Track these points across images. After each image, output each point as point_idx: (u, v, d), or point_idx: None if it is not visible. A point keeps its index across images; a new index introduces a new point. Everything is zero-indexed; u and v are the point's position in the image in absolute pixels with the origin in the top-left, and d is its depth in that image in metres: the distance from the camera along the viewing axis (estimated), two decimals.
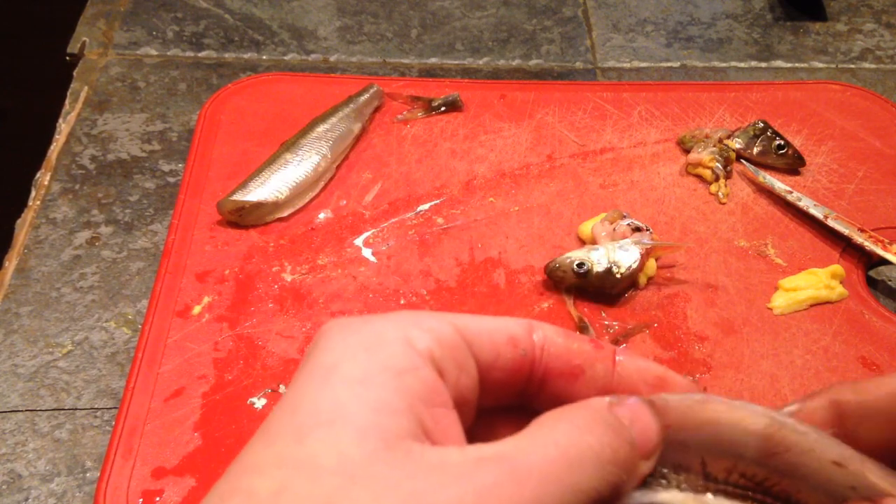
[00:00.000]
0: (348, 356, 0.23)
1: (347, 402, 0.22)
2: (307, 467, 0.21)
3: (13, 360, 0.61)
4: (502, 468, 0.21)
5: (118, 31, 0.90)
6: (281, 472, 0.21)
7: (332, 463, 0.21)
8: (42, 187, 0.73)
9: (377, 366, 0.23)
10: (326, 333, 0.25)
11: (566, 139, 0.79)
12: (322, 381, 0.23)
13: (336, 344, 0.24)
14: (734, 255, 0.70)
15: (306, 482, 0.21)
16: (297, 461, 0.21)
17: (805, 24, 0.98)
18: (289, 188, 0.70)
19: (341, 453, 0.21)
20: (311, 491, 0.21)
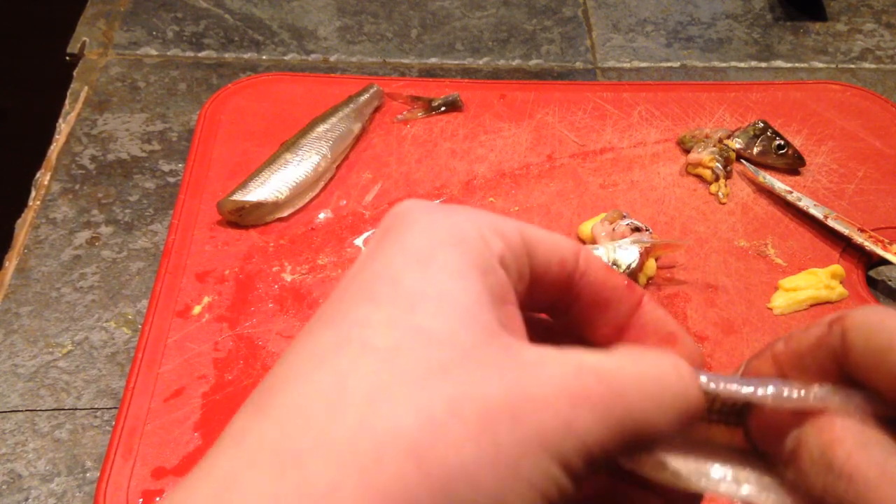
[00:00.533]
0: (441, 247, 0.25)
1: (451, 290, 0.24)
2: (421, 334, 0.22)
3: (13, 360, 0.61)
4: (600, 381, 0.23)
5: (118, 31, 0.90)
6: (395, 333, 0.23)
7: (444, 337, 0.23)
8: (42, 187, 0.73)
9: (467, 263, 0.24)
10: (410, 215, 0.26)
11: (566, 139, 0.79)
12: (421, 266, 0.24)
13: (424, 231, 0.25)
14: (734, 255, 0.70)
15: (422, 347, 0.22)
16: (410, 327, 0.23)
17: (805, 24, 0.98)
18: (289, 188, 0.70)
19: (452, 331, 0.23)
20: (426, 355, 0.22)
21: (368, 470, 0.20)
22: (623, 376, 0.24)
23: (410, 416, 0.21)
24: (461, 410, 0.21)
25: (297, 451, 0.21)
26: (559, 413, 0.22)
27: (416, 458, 0.20)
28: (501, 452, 0.21)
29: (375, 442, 0.21)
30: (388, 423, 0.21)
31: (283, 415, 0.22)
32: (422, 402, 0.21)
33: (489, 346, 0.23)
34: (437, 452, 0.21)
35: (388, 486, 0.20)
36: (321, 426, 0.21)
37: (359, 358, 0.22)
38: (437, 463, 0.20)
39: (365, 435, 0.21)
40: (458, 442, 0.21)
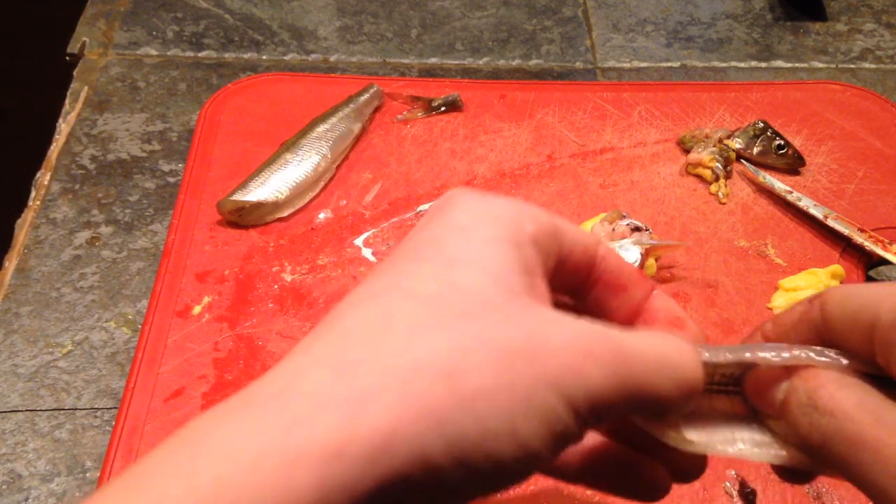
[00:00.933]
0: (480, 222, 0.29)
1: (485, 255, 0.28)
2: (457, 287, 0.27)
3: (13, 360, 0.61)
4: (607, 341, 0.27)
5: (118, 31, 0.90)
6: (435, 285, 0.27)
7: (476, 291, 0.27)
8: (42, 187, 0.73)
9: (502, 236, 0.29)
10: (458, 198, 0.31)
11: (566, 139, 0.79)
12: (463, 235, 0.29)
13: (467, 209, 0.30)
14: (734, 255, 0.70)
15: (456, 296, 0.27)
16: (448, 281, 0.27)
17: (805, 24, 0.98)
18: (289, 188, 0.70)
19: (482, 287, 0.27)
20: (458, 303, 0.27)
21: (407, 381, 0.25)
22: (628, 344, 0.27)
23: (445, 344, 0.25)
24: (487, 346, 0.26)
25: (351, 361, 0.25)
26: (568, 361, 0.26)
27: (447, 376, 0.25)
28: (517, 382, 0.25)
29: (415, 361, 0.25)
30: (426, 348, 0.25)
31: (340, 335, 0.26)
32: (455, 335, 0.26)
33: (513, 302, 0.27)
34: (464, 374, 0.25)
35: (422, 395, 0.24)
36: (371, 344, 0.26)
37: (404, 300, 0.27)
38: (463, 382, 0.25)
39: (407, 355, 0.25)
40: (482, 368, 0.25)
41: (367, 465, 0.23)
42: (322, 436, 0.24)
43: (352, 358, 0.25)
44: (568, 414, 0.26)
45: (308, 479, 0.23)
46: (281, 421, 0.24)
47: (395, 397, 0.24)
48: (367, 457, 0.23)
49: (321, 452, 0.23)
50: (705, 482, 0.55)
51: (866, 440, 0.26)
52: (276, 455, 0.23)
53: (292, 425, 0.24)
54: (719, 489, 0.55)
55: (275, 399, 0.25)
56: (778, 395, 0.29)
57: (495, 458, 0.25)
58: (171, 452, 0.24)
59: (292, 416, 0.24)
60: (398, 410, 0.24)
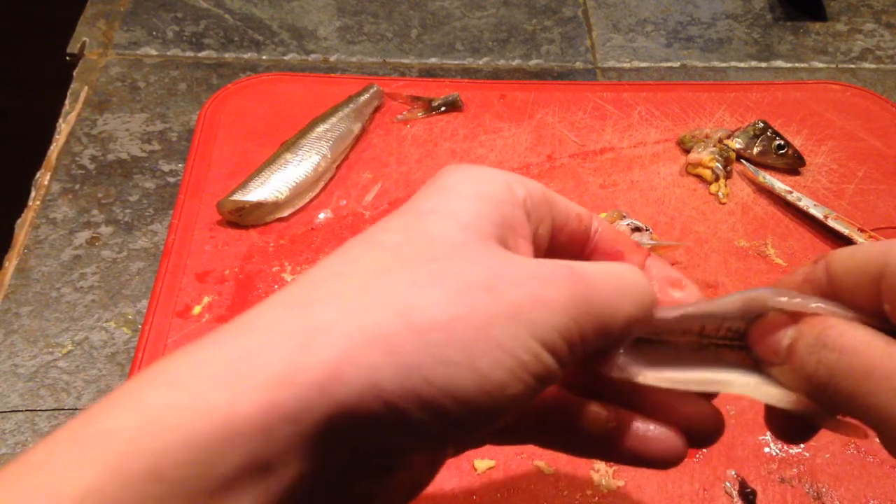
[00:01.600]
0: (463, 182, 0.30)
1: (458, 207, 0.29)
2: (423, 234, 0.28)
3: (13, 360, 0.61)
4: (567, 269, 0.28)
5: (118, 31, 0.90)
6: (403, 235, 0.28)
7: (441, 236, 0.28)
8: (42, 187, 0.73)
9: (483, 192, 0.30)
10: (452, 167, 0.31)
11: (566, 139, 0.79)
12: (441, 193, 0.30)
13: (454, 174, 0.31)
14: (734, 255, 0.70)
15: (422, 242, 0.28)
16: (415, 230, 0.28)
17: (805, 24, 0.98)
18: (289, 188, 0.70)
19: (449, 234, 0.28)
20: (422, 248, 0.27)
21: (362, 314, 0.25)
22: (586, 271, 0.28)
23: (402, 283, 0.26)
24: (444, 281, 0.26)
25: (308, 300, 0.26)
26: (529, 290, 0.26)
27: (402, 309, 0.25)
28: (474, 314, 0.25)
29: (371, 297, 0.26)
30: (384, 286, 0.26)
31: (305, 281, 0.27)
32: (414, 276, 0.26)
33: (476, 243, 0.28)
34: (420, 307, 0.25)
35: (377, 326, 0.25)
36: (332, 285, 0.26)
37: (370, 248, 0.28)
38: (417, 314, 0.25)
39: (364, 293, 0.26)
40: (439, 301, 0.25)
41: (315, 395, 0.23)
42: (269, 365, 0.24)
43: (310, 298, 0.26)
44: (535, 344, 0.26)
45: (251, 406, 0.23)
46: (230, 352, 0.24)
47: (348, 328, 0.24)
48: (316, 386, 0.23)
49: (266, 380, 0.23)
50: (705, 482, 0.55)
51: (875, 369, 0.26)
52: (222, 383, 0.23)
53: (241, 356, 0.24)
54: (719, 489, 0.55)
55: (228, 333, 0.25)
56: (784, 340, 0.30)
57: (455, 390, 0.25)
58: (129, 386, 0.25)
59: (242, 347, 0.24)
60: (350, 341, 0.24)
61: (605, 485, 0.55)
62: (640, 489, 0.55)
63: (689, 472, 0.56)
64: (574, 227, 0.32)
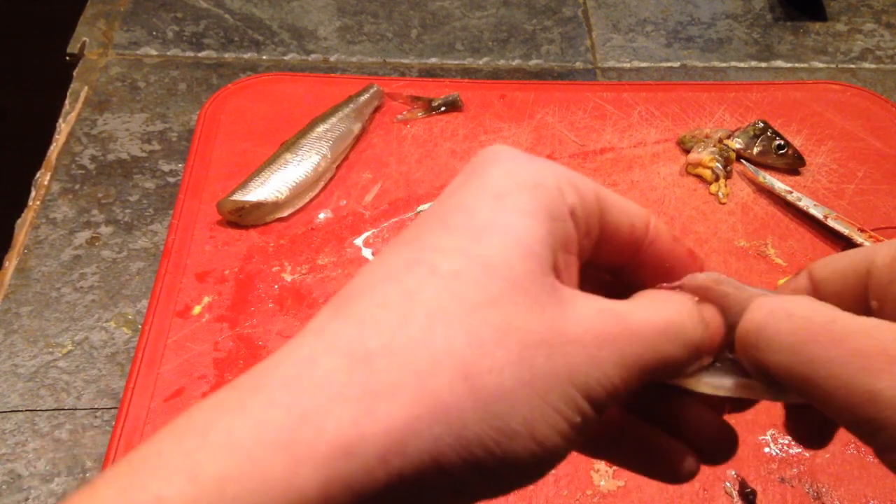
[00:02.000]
0: (517, 189, 0.28)
1: (516, 225, 0.27)
2: (482, 263, 0.26)
3: (13, 360, 0.61)
4: (618, 321, 0.27)
5: (118, 31, 0.90)
6: (460, 260, 0.26)
7: (502, 267, 0.26)
8: (42, 187, 0.73)
9: (539, 206, 0.27)
10: (496, 158, 0.30)
11: (566, 139, 0.79)
12: (496, 201, 0.27)
13: (505, 171, 0.29)
14: (734, 255, 0.70)
15: (481, 275, 0.25)
16: (474, 255, 0.26)
17: (805, 24, 0.98)
18: (289, 188, 0.70)
19: (510, 263, 0.26)
20: (482, 282, 0.25)
21: (424, 378, 0.24)
22: (636, 320, 0.27)
23: (463, 339, 0.24)
24: (505, 339, 0.25)
25: (367, 350, 0.24)
26: (586, 349, 0.26)
27: (465, 374, 0.24)
28: (535, 379, 0.25)
29: (432, 356, 0.24)
30: (444, 342, 0.24)
31: (357, 318, 0.25)
32: (473, 327, 0.25)
33: (539, 282, 0.26)
34: (482, 372, 0.24)
35: (439, 394, 0.23)
36: (389, 333, 0.24)
37: (425, 278, 0.25)
38: (481, 382, 0.24)
39: (424, 348, 0.24)
40: (500, 365, 0.24)
41: (377, 465, 0.23)
42: (332, 432, 0.23)
43: (368, 347, 0.24)
44: (585, 404, 0.25)
45: (314, 477, 0.22)
46: (290, 414, 0.23)
47: (411, 395, 0.23)
48: (378, 456, 0.23)
49: (329, 450, 0.23)
50: (705, 482, 0.55)
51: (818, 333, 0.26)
52: (283, 451, 0.22)
53: (301, 420, 0.23)
54: (719, 489, 0.55)
55: (285, 388, 0.24)
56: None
57: (511, 458, 0.24)
58: (175, 442, 0.24)
59: (303, 409, 0.23)
60: (413, 410, 0.23)
61: (605, 485, 0.55)
62: (640, 489, 0.55)
63: None
64: (625, 238, 0.30)
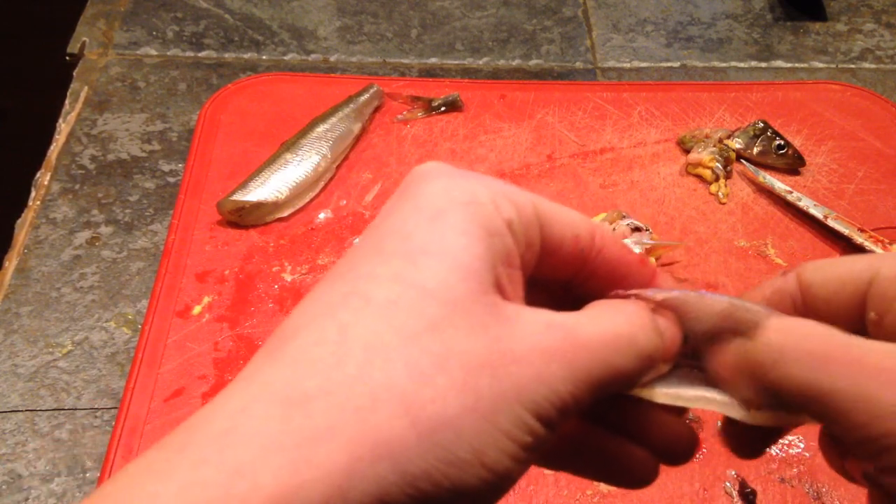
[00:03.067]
0: (451, 207, 0.26)
1: (454, 246, 0.25)
2: (419, 288, 0.24)
3: (13, 360, 0.61)
4: (566, 336, 0.26)
5: (118, 31, 0.90)
6: (396, 287, 0.24)
7: (440, 291, 0.25)
8: (42, 187, 0.73)
9: (475, 223, 0.26)
10: (429, 176, 0.28)
11: (566, 139, 0.79)
12: (431, 221, 0.26)
13: (439, 190, 0.27)
14: (734, 255, 0.70)
15: (418, 301, 0.24)
16: (410, 281, 0.25)
17: (805, 24, 0.98)
18: (289, 188, 0.70)
19: (448, 285, 0.25)
20: (420, 308, 0.24)
21: (364, 417, 0.22)
22: (584, 333, 0.26)
23: (402, 370, 0.23)
24: (447, 366, 0.24)
25: (302, 393, 0.23)
26: (532, 366, 0.25)
27: (406, 407, 0.23)
28: (481, 403, 0.23)
29: (371, 392, 0.23)
30: (382, 375, 0.23)
31: (292, 359, 0.24)
32: (413, 356, 0.23)
33: (480, 302, 0.25)
34: (424, 403, 0.23)
35: (380, 431, 0.22)
36: (325, 373, 0.23)
37: (361, 310, 0.24)
38: (424, 413, 0.23)
39: (362, 385, 0.23)
40: (443, 393, 0.23)
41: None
42: (269, 485, 0.21)
43: (304, 389, 0.23)
44: (535, 423, 0.24)
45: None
46: (222, 470, 0.22)
47: (351, 435, 0.22)
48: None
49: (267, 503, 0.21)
50: (705, 482, 0.55)
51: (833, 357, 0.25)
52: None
53: (234, 475, 0.22)
54: (719, 489, 0.55)
55: (216, 443, 0.22)
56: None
57: (462, 488, 0.23)
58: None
59: (235, 463, 0.22)
60: (354, 451, 0.22)
61: (605, 485, 0.55)
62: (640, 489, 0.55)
63: (689, 472, 0.56)
64: (569, 249, 0.29)
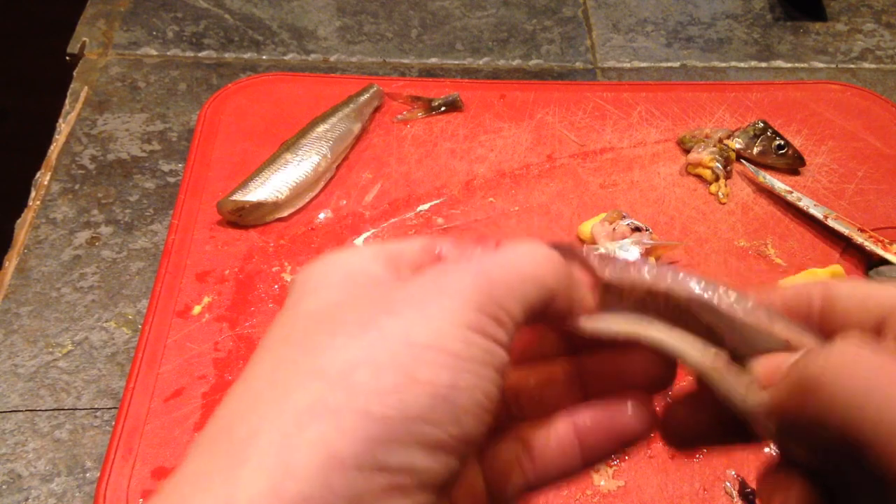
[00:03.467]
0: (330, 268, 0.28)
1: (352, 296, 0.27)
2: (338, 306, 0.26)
3: (13, 360, 0.61)
4: (468, 268, 0.26)
5: (118, 31, 0.90)
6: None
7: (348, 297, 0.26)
8: (42, 187, 0.73)
9: (363, 266, 0.28)
10: (306, 270, 0.28)
11: (566, 139, 0.79)
12: (354, 297, 0.27)
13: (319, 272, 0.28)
14: (734, 255, 0.70)
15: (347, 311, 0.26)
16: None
17: (805, 24, 0.98)
18: (289, 188, 0.70)
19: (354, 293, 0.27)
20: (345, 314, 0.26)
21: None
22: (490, 263, 0.27)
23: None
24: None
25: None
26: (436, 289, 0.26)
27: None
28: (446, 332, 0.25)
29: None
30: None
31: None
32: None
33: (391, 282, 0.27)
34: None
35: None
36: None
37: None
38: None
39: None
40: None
41: None
42: None
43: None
44: (496, 327, 0.26)
45: None
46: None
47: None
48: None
49: None
50: (705, 482, 0.55)
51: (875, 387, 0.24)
52: None
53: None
54: (719, 489, 0.55)
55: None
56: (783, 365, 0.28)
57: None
58: None
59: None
60: None
61: (605, 485, 0.55)
62: (640, 489, 0.55)
63: (689, 472, 0.56)
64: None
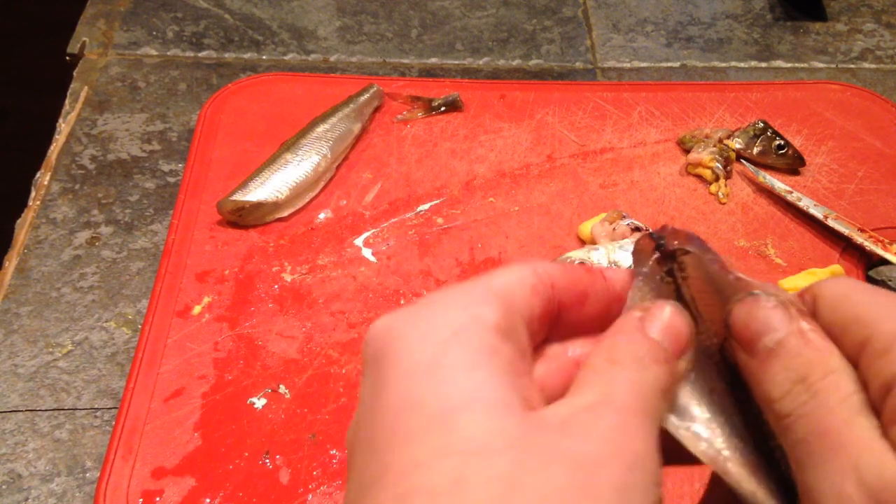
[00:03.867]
0: (441, 349, 0.23)
1: (472, 387, 0.22)
2: (473, 449, 0.21)
3: (13, 360, 0.61)
4: (599, 416, 0.23)
5: (118, 31, 0.90)
6: (449, 461, 0.21)
7: (496, 440, 0.21)
8: (42, 187, 0.73)
9: (473, 352, 0.23)
10: (392, 333, 0.25)
11: (566, 139, 0.79)
12: (429, 375, 0.23)
13: (414, 340, 0.24)
14: (734, 255, 0.70)
15: (481, 463, 0.21)
16: (457, 447, 0.21)
17: (805, 24, 0.98)
18: (289, 188, 0.70)
19: (499, 430, 0.21)
20: (488, 471, 0.21)
21: None
22: (607, 407, 0.24)
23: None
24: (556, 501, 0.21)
25: None
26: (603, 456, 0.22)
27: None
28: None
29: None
30: None
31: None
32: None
33: (530, 427, 0.22)
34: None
35: None
36: None
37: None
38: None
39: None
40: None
41: None
42: None
43: None
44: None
45: None
46: None
47: None
48: None
49: None
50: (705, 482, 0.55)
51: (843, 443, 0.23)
52: None
53: None
54: None
55: None
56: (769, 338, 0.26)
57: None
58: None
59: None
60: None
61: None
62: None
63: (689, 472, 0.56)
64: (538, 307, 0.27)
